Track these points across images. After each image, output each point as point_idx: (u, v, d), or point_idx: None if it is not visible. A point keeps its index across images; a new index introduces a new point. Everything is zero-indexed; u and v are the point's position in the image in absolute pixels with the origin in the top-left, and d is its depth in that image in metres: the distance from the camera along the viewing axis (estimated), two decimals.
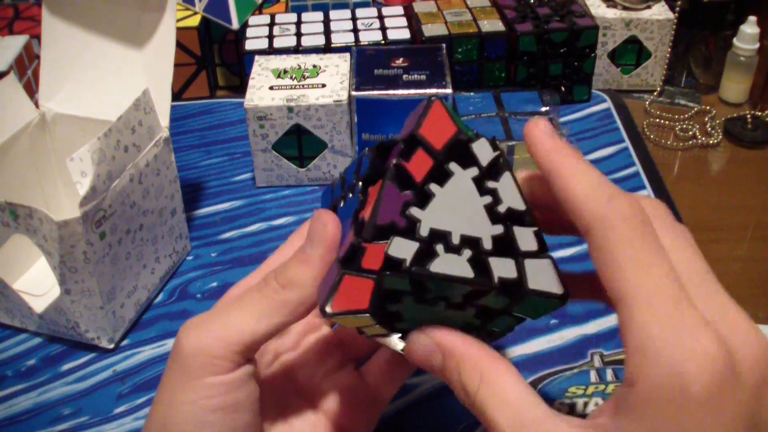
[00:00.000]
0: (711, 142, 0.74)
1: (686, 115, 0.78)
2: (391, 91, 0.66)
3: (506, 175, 0.32)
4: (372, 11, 0.82)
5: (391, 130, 0.67)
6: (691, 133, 0.75)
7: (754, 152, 0.74)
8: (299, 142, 0.67)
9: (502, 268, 0.31)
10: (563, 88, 0.78)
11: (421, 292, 0.32)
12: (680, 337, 0.26)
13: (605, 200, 0.29)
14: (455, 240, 0.31)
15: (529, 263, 0.31)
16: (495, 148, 0.32)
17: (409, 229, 0.31)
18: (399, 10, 0.82)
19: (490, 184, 0.32)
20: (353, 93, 0.65)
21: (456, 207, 0.31)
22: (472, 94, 0.73)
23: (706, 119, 0.77)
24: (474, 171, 0.32)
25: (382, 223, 0.31)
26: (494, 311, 0.33)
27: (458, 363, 0.31)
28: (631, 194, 0.30)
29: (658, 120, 0.77)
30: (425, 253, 0.31)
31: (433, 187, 0.31)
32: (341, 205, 0.36)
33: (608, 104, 0.79)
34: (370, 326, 0.34)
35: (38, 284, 0.58)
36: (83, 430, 0.48)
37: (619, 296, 0.28)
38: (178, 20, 0.75)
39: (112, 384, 0.51)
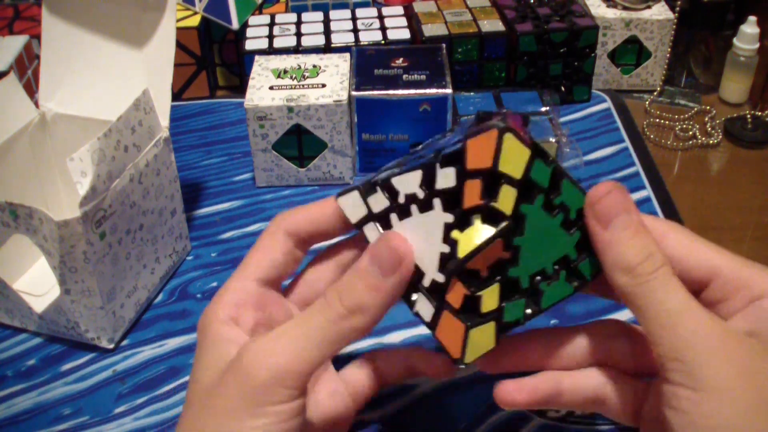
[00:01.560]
0: (711, 142, 0.74)
1: (686, 115, 0.78)
2: (391, 91, 0.66)
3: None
4: (372, 11, 0.82)
5: (391, 130, 0.67)
6: (691, 133, 0.75)
7: (754, 152, 0.74)
8: (299, 142, 0.67)
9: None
10: (563, 88, 0.78)
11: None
12: None
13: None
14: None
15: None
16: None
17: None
18: (399, 10, 0.82)
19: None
20: (353, 93, 0.66)
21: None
22: (472, 94, 0.73)
23: (706, 119, 0.77)
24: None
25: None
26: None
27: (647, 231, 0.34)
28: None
29: (658, 120, 0.77)
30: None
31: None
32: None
33: (608, 104, 0.79)
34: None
35: (38, 284, 0.58)
36: (83, 430, 0.48)
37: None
38: (178, 20, 0.75)
39: (112, 384, 0.51)
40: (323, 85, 0.66)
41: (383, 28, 0.78)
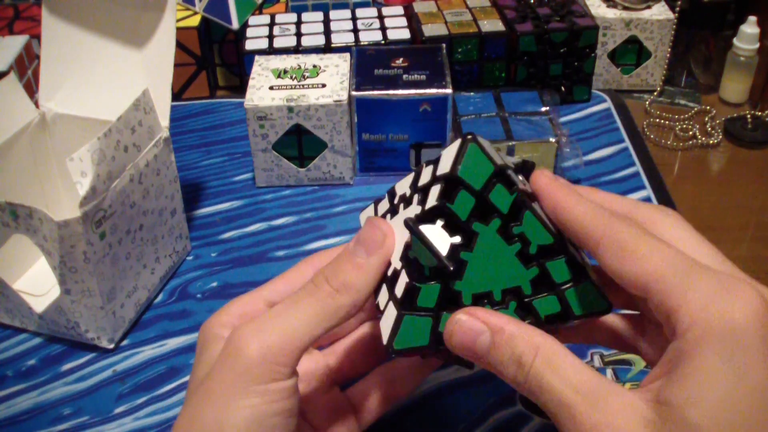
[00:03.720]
0: (711, 142, 0.74)
1: (686, 115, 0.78)
2: (391, 91, 0.66)
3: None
4: (372, 11, 0.82)
5: (391, 130, 0.67)
6: (691, 133, 0.75)
7: (754, 152, 0.74)
8: (299, 142, 0.67)
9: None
10: (563, 88, 0.78)
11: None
12: (723, 290, 0.28)
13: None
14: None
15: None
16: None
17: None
18: (399, 10, 0.82)
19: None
20: (353, 93, 0.65)
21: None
22: (472, 94, 0.73)
23: (706, 119, 0.77)
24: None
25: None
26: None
27: (510, 338, 0.32)
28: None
29: (658, 120, 0.77)
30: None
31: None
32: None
33: (608, 104, 0.79)
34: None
35: (38, 284, 0.58)
36: (83, 430, 0.48)
37: (654, 277, 0.29)
38: (178, 20, 0.75)
39: (112, 384, 0.51)
40: (323, 85, 0.66)
41: (383, 28, 0.78)
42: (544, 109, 0.70)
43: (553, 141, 0.66)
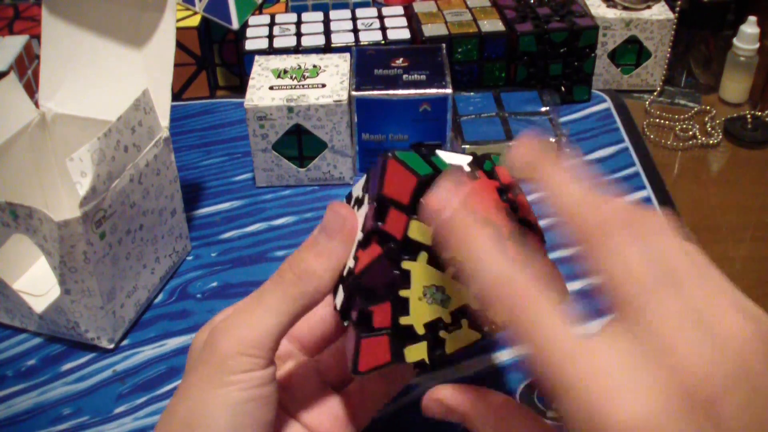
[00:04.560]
0: (711, 142, 0.74)
1: (686, 115, 0.78)
2: (391, 91, 0.66)
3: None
4: (372, 11, 0.82)
5: (391, 130, 0.67)
6: (691, 133, 0.75)
7: (754, 152, 0.74)
8: (299, 142, 0.67)
9: None
10: (563, 88, 0.78)
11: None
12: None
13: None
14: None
15: None
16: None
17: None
18: (399, 10, 0.82)
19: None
20: (353, 93, 0.65)
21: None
22: (472, 94, 0.73)
23: (706, 119, 0.77)
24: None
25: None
26: None
27: (471, 422, 0.33)
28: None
29: (658, 120, 0.77)
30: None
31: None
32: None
33: (608, 104, 0.79)
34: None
35: (38, 284, 0.58)
36: (83, 430, 0.48)
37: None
38: (178, 20, 0.75)
39: (112, 384, 0.51)
40: (323, 85, 0.66)
41: (383, 28, 0.78)
42: (544, 109, 0.70)
43: (553, 141, 0.66)
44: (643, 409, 0.25)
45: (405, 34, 0.77)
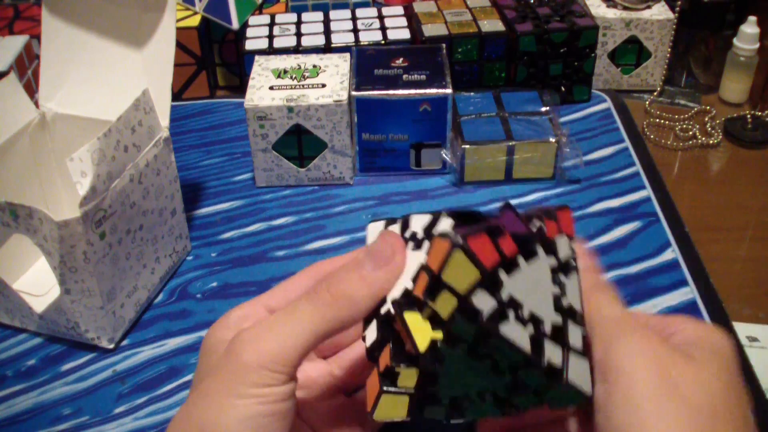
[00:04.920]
0: (711, 142, 0.74)
1: (686, 115, 0.78)
2: (391, 91, 0.66)
3: (574, 276, 0.34)
4: (372, 11, 0.82)
5: (391, 130, 0.67)
6: (691, 133, 0.75)
7: (754, 152, 0.74)
8: (299, 142, 0.67)
9: (553, 352, 0.33)
10: (563, 88, 0.78)
11: (478, 346, 0.32)
12: None
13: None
14: (525, 314, 0.32)
15: (573, 358, 0.33)
16: (571, 248, 0.34)
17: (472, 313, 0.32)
18: (399, 10, 0.82)
19: (562, 278, 0.34)
20: (353, 93, 0.65)
21: (532, 286, 0.33)
22: (472, 94, 0.73)
23: (706, 119, 0.77)
24: (553, 261, 0.34)
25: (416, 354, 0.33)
26: (527, 387, 0.34)
27: None
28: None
29: (658, 120, 0.77)
30: (498, 314, 0.32)
31: (520, 260, 0.32)
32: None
33: (608, 104, 0.79)
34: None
35: (38, 284, 0.58)
36: (83, 430, 0.48)
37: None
38: (178, 20, 0.75)
39: (112, 384, 0.51)
40: (323, 85, 0.66)
41: (383, 28, 0.78)
42: (544, 109, 0.70)
43: (553, 141, 0.66)
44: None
45: (405, 34, 0.77)
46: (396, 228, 0.37)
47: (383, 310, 0.34)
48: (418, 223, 0.36)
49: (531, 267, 0.32)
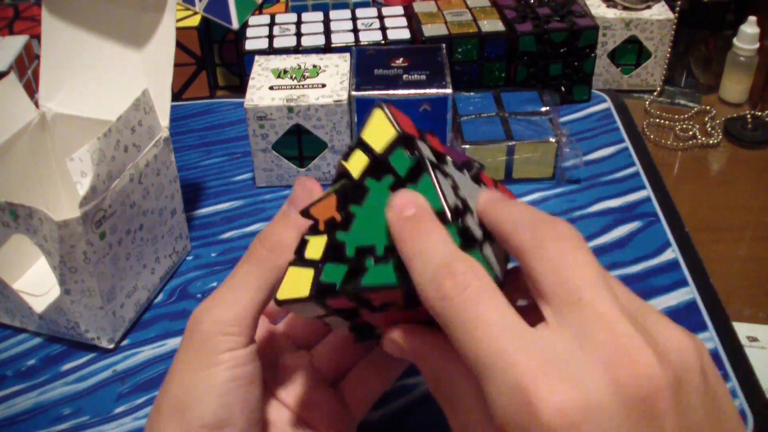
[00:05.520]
0: (711, 142, 0.74)
1: (686, 115, 0.78)
2: (391, 91, 0.66)
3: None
4: (372, 11, 0.82)
5: None
6: (691, 133, 0.75)
7: (754, 152, 0.74)
8: (299, 142, 0.67)
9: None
10: (563, 88, 0.78)
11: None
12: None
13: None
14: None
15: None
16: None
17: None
18: (399, 10, 0.82)
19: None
20: (353, 93, 0.66)
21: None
22: (472, 94, 0.73)
23: (706, 119, 0.77)
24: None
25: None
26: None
27: (419, 363, 0.33)
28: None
29: (658, 120, 0.77)
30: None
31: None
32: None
33: (608, 104, 0.79)
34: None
35: (38, 284, 0.58)
36: (83, 430, 0.48)
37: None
38: (178, 20, 0.75)
39: (112, 384, 0.51)
40: (323, 85, 0.66)
41: (383, 28, 0.78)
42: (544, 109, 0.70)
43: (553, 141, 0.66)
44: (579, 395, 0.25)
45: (405, 34, 0.77)
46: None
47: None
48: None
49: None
